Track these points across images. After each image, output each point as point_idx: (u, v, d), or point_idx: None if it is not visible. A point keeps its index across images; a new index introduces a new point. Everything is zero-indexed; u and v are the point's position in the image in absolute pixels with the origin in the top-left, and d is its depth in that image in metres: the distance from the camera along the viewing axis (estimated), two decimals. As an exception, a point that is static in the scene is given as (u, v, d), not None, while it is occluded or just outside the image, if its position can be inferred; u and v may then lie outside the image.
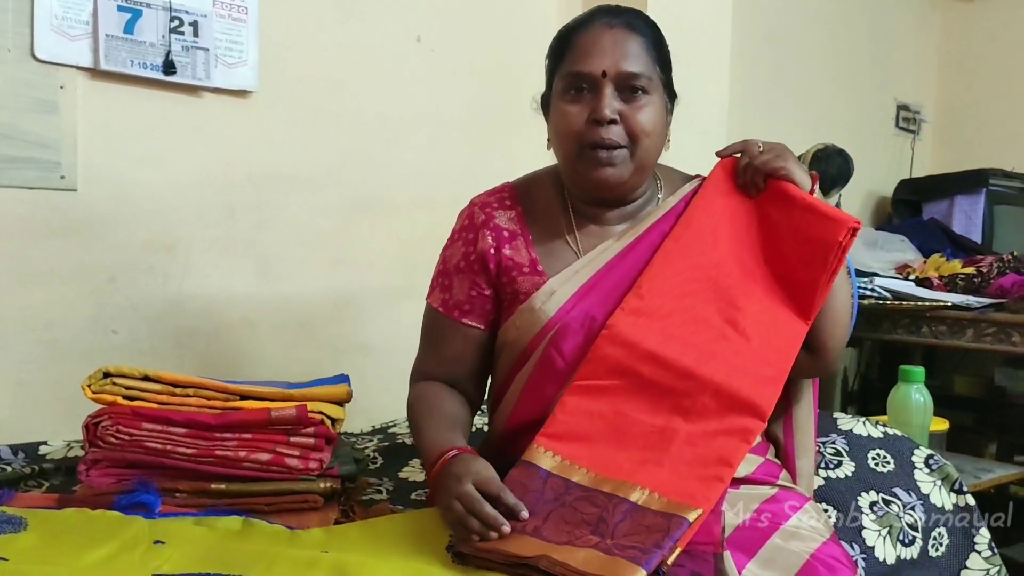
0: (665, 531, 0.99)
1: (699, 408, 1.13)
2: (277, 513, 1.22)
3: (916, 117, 3.78)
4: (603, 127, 1.19)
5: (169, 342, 1.81)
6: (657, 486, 1.06)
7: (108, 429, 1.21)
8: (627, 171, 1.23)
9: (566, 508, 1.06)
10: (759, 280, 1.22)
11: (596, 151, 1.21)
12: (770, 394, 1.14)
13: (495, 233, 1.30)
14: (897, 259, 2.80)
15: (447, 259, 1.35)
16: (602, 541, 0.99)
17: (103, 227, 1.72)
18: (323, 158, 2.02)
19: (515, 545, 1.00)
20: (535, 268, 1.27)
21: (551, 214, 1.31)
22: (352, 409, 1.54)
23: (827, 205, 1.23)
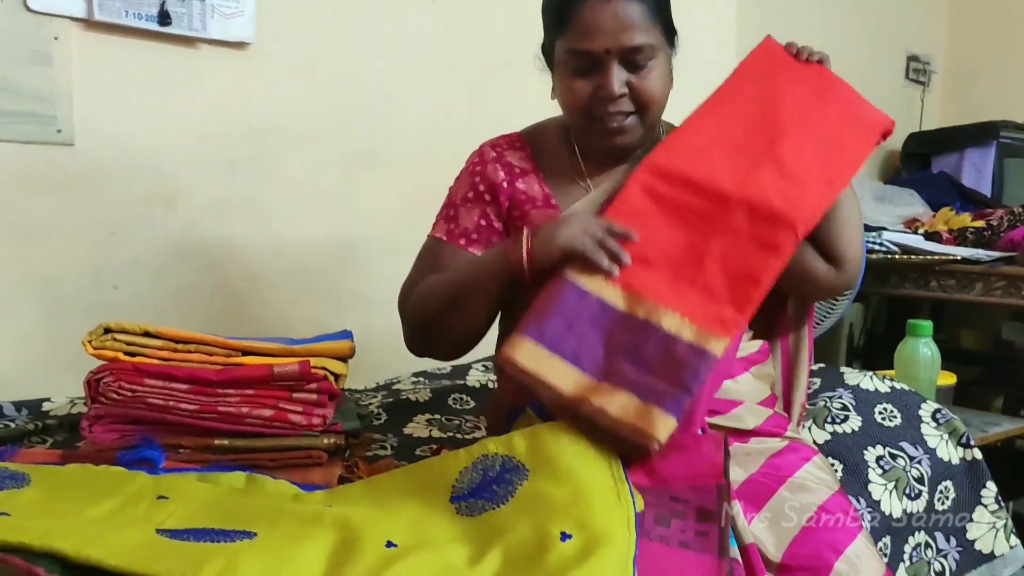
0: (695, 369, 1.04)
1: (732, 227, 1.13)
2: (281, 469, 1.22)
3: (926, 68, 3.71)
4: (612, 102, 1.19)
5: (171, 297, 1.80)
6: (688, 310, 1.08)
7: (110, 385, 1.20)
8: (638, 134, 1.24)
9: (602, 329, 1.09)
10: (800, 133, 1.20)
11: (606, 121, 1.21)
12: (806, 214, 1.13)
13: (507, 169, 1.30)
14: (906, 213, 2.77)
15: (454, 193, 1.34)
16: (637, 376, 1.04)
17: (102, 181, 1.70)
18: (323, 111, 1.99)
19: (556, 376, 1.06)
20: (548, 202, 1.28)
21: (559, 157, 1.31)
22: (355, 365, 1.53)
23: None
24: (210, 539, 0.91)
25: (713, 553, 0.95)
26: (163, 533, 0.93)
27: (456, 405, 1.77)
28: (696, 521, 0.99)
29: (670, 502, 1.02)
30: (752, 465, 1.14)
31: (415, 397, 1.76)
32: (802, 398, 1.36)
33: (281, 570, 0.85)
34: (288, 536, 0.94)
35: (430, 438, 1.58)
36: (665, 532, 0.98)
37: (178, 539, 0.91)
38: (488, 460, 1.08)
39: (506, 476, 1.06)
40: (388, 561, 0.89)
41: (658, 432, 1.00)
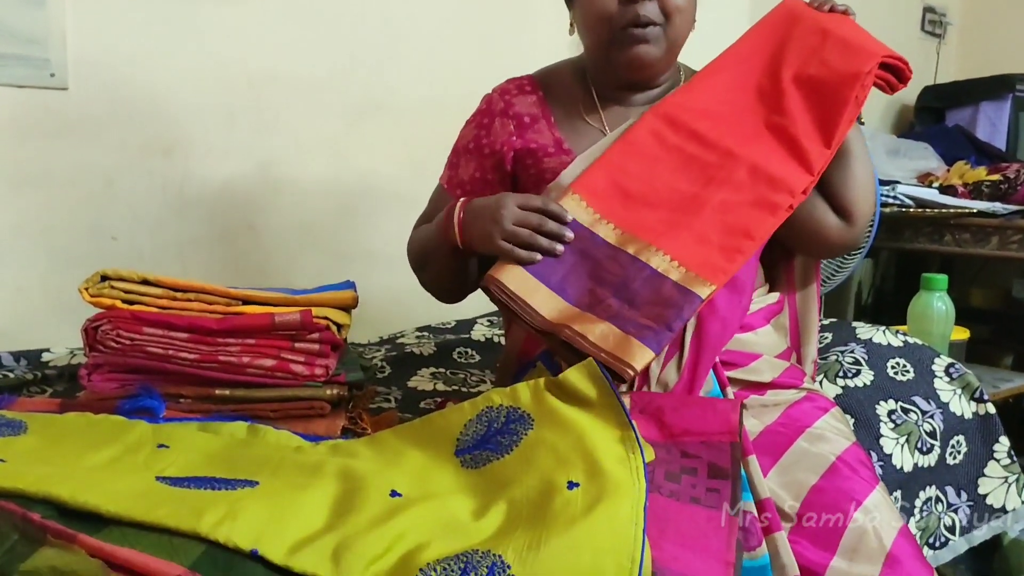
0: (679, 308, 1.05)
1: (734, 180, 1.14)
2: (283, 420, 1.20)
3: (942, 20, 3.63)
4: (639, 3, 1.16)
5: (171, 249, 1.77)
6: (679, 254, 1.09)
7: (108, 333, 1.18)
8: (661, 49, 1.21)
9: (591, 262, 1.11)
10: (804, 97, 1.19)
11: (631, 30, 1.17)
12: (804, 180, 1.14)
13: (516, 121, 1.27)
14: (920, 167, 2.72)
15: (460, 139, 1.34)
16: (621, 309, 1.06)
17: (97, 128, 1.66)
18: (325, 60, 1.94)
19: (540, 302, 1.09)
20: (560, 147, 1.25)
21: (573, 99, 1.28)
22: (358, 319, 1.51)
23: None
24: (211, 487, 0.89)
25: (725, 510, 0.93)
26: (163, 480, 0.91)
27: (461, 359, 1.75)
28: (707, 477, 0.98)
29: (681, 458, 1.00)
30: (769, 416, 1.12)
31: (419, 351, 1.74)
32: (813, 354, 1.33)
33: (283, 518, 0.83)
34: (291, 485, 0.92)
35: (435, 391, 1.56)
36: (675, 488, 0.96)
37: (178, 486, 0.89)
38: (493, 412, 1.06)
39: (511, 427, 1.04)
40: (392, 511, 0.88)
41: (635, 361, 1.02)
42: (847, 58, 1.16)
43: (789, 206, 1.13)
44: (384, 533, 0.82)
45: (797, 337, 1.33)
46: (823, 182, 1.18)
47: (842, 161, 1.19)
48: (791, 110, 1.16)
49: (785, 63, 1.20)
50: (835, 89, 1.15)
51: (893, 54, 1.18)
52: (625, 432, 0.98)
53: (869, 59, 1.16)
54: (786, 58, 1.20)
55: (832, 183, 1.19)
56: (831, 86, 1.16)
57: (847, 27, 1.21)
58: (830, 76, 1.16)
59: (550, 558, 0.79)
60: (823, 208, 1.22)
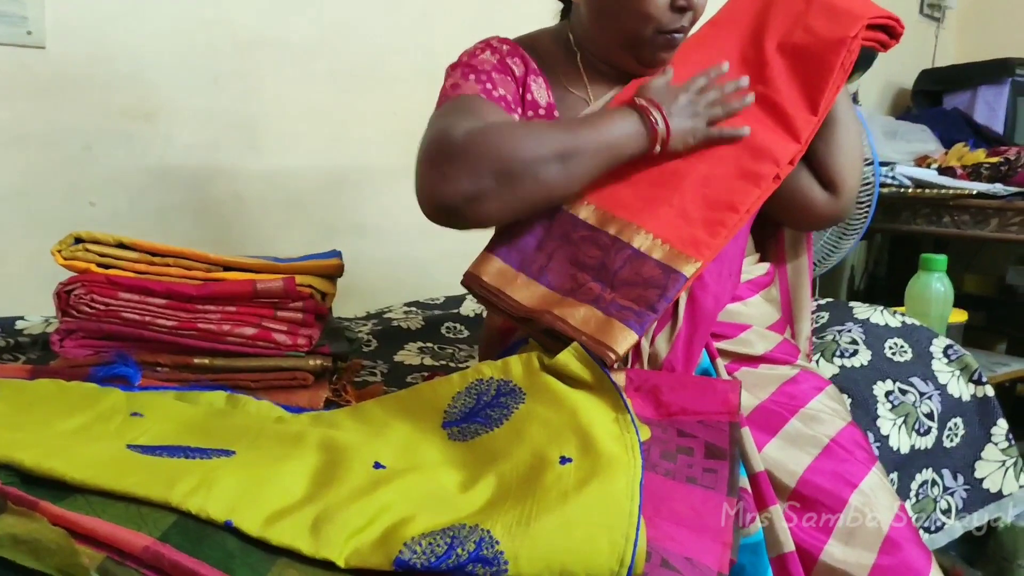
0: (663, 288, 1.02)
1: (716, 152, 1.10)
2: (264, 390, 1.16)
3: (941, 4, 3.58)
4: (684, 14, 1.12)
5: (152, 217, 1.72)
6: (661, 231, 1.06)
7: (82, 298, 1.13)
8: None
9: (571, 246, 1.07)
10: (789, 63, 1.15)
11: (669, 36, 1.14)
12: (790, 149, 1.11)
13: (523, 61, 1.19)
14: (917, 150, 2.68)
15: (479, 63, 1.15)
16: (602, 292, 1.03)
17: (75, 89, 1.60)
18: (314, 24, 1.88)
19: (520, 292, 1.06)
20: (551, 113, 1.19)
21: (561, 67, 1.22)
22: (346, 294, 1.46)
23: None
24: (184, 455, 0.85)
25: (722, 491, 0.90)
26: (134, 448, 0.87)
27: (449, 334, 1.71)
28: (704, 457, 0.94)
29: (677, 436, 0.96)
30: (763, 392, 1.09)
31: (407, 325, 1.70)
32: (807, 331, 1.30)
33: (261, 488, 0.79)
34: (269, 455, 0.88)
35: (422, 366, 1.52)
36: (671, 467, 0.93)
37: (150, 455, 0.85)
38: (483, 384, 1.03)
39: (501, 400, 1.00)
40: (376, 483, 0.84)
41: (617, 345, 0.98)
42: (832, 23, 1.12)
43: (775, 176, 1.09)
44: (367, 505, 0.79)
45: (789, 312, 1.30)
46: (808, 152, 1.14)
47: (827, 129, 1.16)
48: (775, 79, 1.13)
49: (769, 30, 1.16)
50: (820, 55, 1.12)
51: (882, 13, 1.15)
52: (620, 413, 0.95)
53: (854, 23, 1.12)
54: (770, 25, 1.17)
55: (816, 152, 1.17)
56: (816, 53, 1.12)
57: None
58: (815, 43, 1.12)
59: (541, 534, 0.75)
60: (808, 179, 1.19)
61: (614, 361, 0.98)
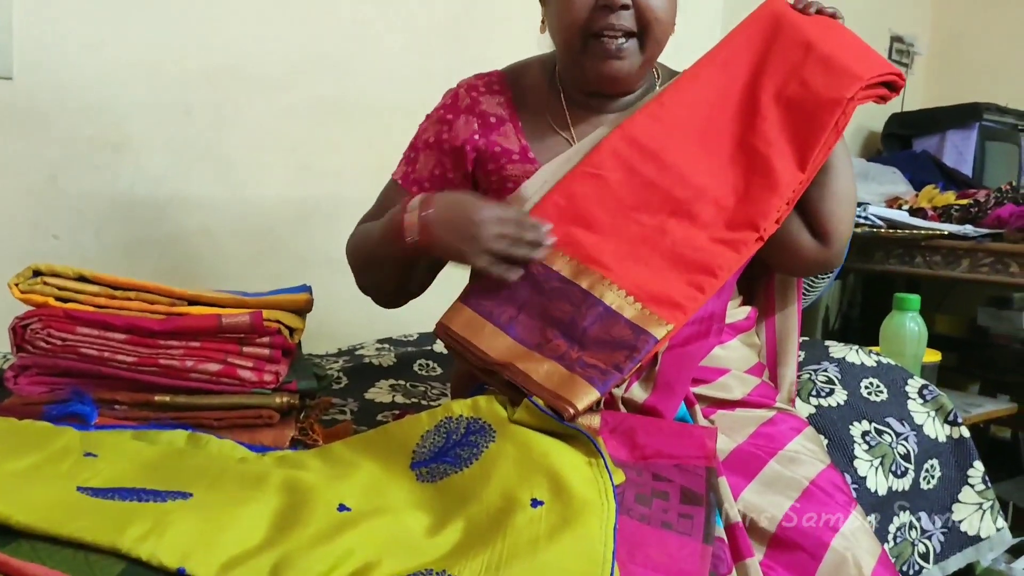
0: (630, 349, 0.99)
1: (700, 216, 1.08)
2: (227, 429, 1.12)
3: (910, 50, 3.65)
4: (614, 12, 1.08)
5: (118, 250, 1.68)
6: (635, 288, 1.04)
7: (38, 332, 1.09)
8: (636, 63, 1.14)
9: (543, 298, 1.05)
10: (780, 116, 1.12)
11: (604, 40, 1.10)
12: (772, 216, 1.08)
13: (481, 119, 1.20)
14: (888, 191, 2.72)
15: (419, 134, 1.27)
16: (568, 350, 1.00)
17: (42, 119, 1.57)
18: (289, 56, 1.87)
19: (487, 342, 1.04)
20: (526, 155, 1.18)
21: (542, 103, 1.21)
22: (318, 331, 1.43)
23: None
24: (137, 498, 0.82)
25: (698, 537, 0.87)
26: (85, 491, 0.83)
27: (422, 371, 1.68)
28: (680, 502, 0.93)
29: (652, 480, 0.94)
30: (740, 435, 1.07)
31: (378, 362, 1.67)
32: (792, 376, 1.28)
33: (217, 533, 0.76)
34: (229, 498, 0.85)
35: (393, 403, 1.48)
36: (646, 511, 0.91)
37: (101, 497, 0.82)
38: (452, 423, 1.00)
39: (471, 438, 0.98)
40: (339, 526, 0.81)
41: (577, 400, 0.96)
42: (829, 81, 1.10)
43: (758, 239, 1.07)
44: (330, 550, 0.76)
45: (775, 357, 1.28)
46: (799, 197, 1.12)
47: (820, 176, 1.12)
48: (767, 131, 1.11)
49: (765, 77, 1.14)
50: (814, 113, 1.09)
51: (884, 70, 1.12)
52: (593, 456, 0.92)
53: (852, 84, 1.09)
54: (766, 71, 1.14)
55: (808, 199, 1.13)
56: (810, 109, 1.10)
57: (832, 39, 1.15)
58: (810, 98, 1.10)
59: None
60: (798, 225, 1.16)
61: (572, 416, 0.95)
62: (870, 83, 1.10)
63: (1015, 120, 3.23)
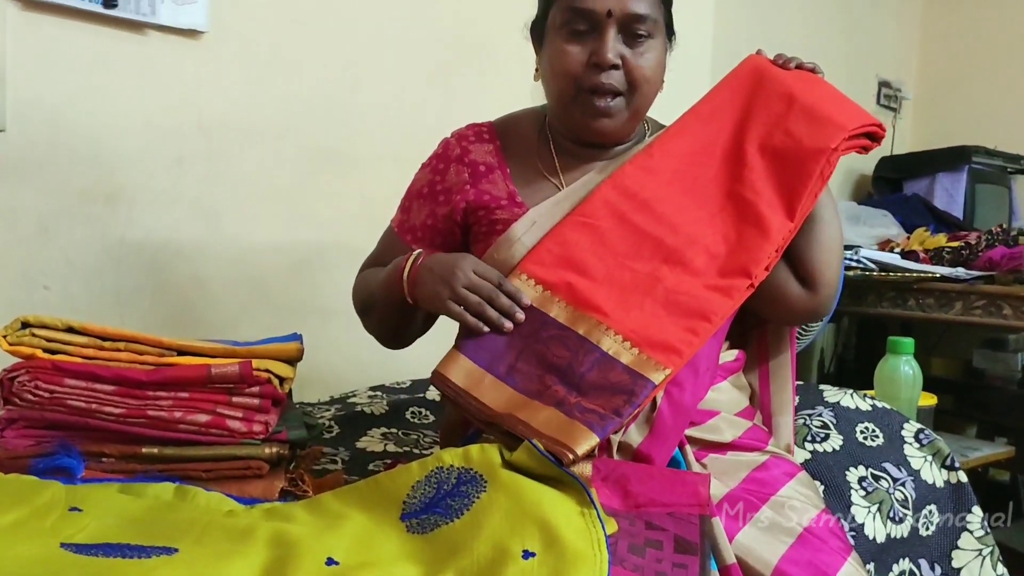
0: (628, 394, 0.99)
1: (689, 262, 1.10)
2: (216, 481, 1.10)
3: (898, 95, 3.71)
4: (604, 72, 1.12)
5: (108, 300, 1.67)
6: (631, 333, 1.05)
7: (25, 385, 1.08)
8: (623, 120, 1.17)
9: (540, 345, 1.05)
10: (767, 167, 1.14)
11: (593, 97, 1.14)
12: (762, 262, 1.09)
13: (471, 169, 1.23)
14: (880, 234, 2.73)
15: (414, 182, 1.31)
16: (567, 396, 1.00)
17: (35, 172, 1.58)
18: (281, 106, 1.89)
19: (488, 395, 1.03)
20: (514, 200, 1.20)
21: (531, 151, 1.24)
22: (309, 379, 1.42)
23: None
24: (121, 554, 0.80)
25: None
26: (68, 548, 0.81)
27: (414, 419, 1.66)
28: (674, 551, 0.91)
29: (646, 529, 0.93)
30: (732, 479, 1.06)
31: (370, 410, 1.65)
32: (790, 425, 1.28)
33: (202, 590, 0.74)
34: (214, 553, 0.83)
35: (384, 452, 1.47)
36: (640, 562, 0.89)
37: (84, 554, 0.80)
38: (443, 472, 0.99)
39: (462, 488, 0.96)
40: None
41: (577, 446, 0.96)
42: (813, 131, 1.12)
43: (749, 286, 1.09)
44: (316, 606, 0.74)
45: (769, 406, 1.27)
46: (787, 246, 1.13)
47: (806, 226, 1.14)
48: (754, 181, 1.13)
49: (749, 129, 1.16)
50: (800, 162, 1.12)
51: (866, 121, 1.15)
52: (586, 507, 0.91)
53: (836, 134, 1.11)
54: (751, 123, 1.16)
55: (795, 247, 1.15)
56: (795, 159, 1.12)
57: (814, 91, 1.17)
58: (795, 148, 1.12)
59: (502, 636, 0.70)
60: (785, 274, 1.17)
61: (572, 461, 0.95)
62: (853, 133, 1.13)
63: (1004, 162, 3.26)
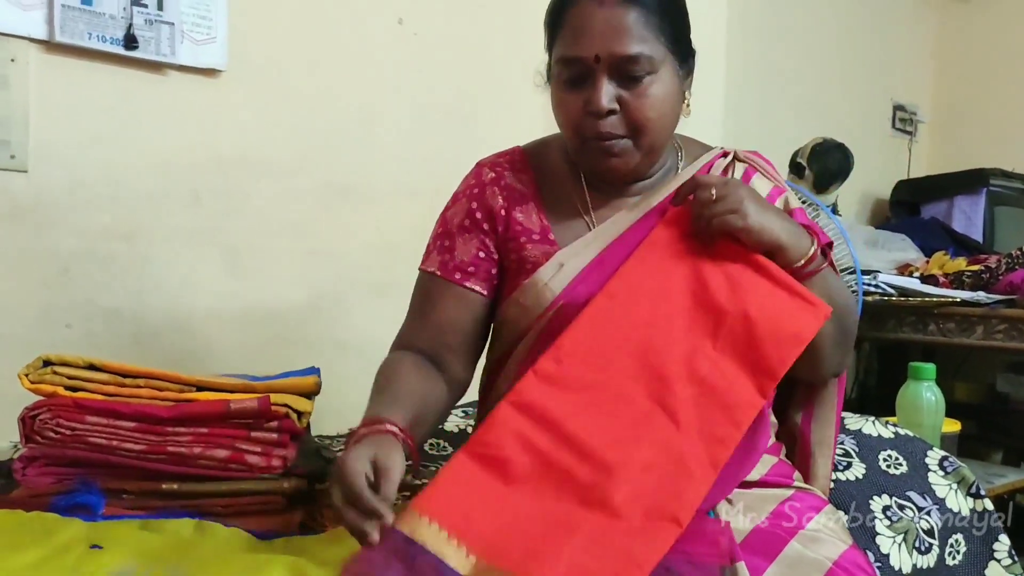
0: None
1: (610, 503, 0.91)
2: (235, 516, 1.11)
3: (913, 118, 3.70)
4: (601, 119, 1.07)
5: (128, 338, 1.69)
6: None
7: (47, 423, 1.10)
8: (634, 160, 1.11)
9: None
10: (688, 380, 0.99)
11: (598, 142, 1.09)
12: (691, 499, 0.93)
13: (506, 192, 1.17)
14: (898, 258, 2.71)
15: (448, 219, 1.20)
16: None
17: (56, 212, 1.60)
18: (297, 142, 1.91)
19: None
20: (546, 236, 1.15)
21: (562, 182, 1.18)
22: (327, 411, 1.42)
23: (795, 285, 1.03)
24: (140, 592, 0.80)
25: None
26: (88, 586, 0.82)
27: (432, 451, 1.66)
28: None
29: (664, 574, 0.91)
30: (759, 514, 1.04)
31: (388, 443, 1.64)
32: (828, 464, 1.24)
33: (219, 628, 0.74)
34: (233, 589, 0.83)
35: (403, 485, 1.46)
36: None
37: (104, 593, 0.80)
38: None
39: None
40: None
41: None
42: (780, 350, 0.99)
43: (676, 533, 0.90)
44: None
45: (809, 444, 1.23)
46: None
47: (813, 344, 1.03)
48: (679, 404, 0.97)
49: (676, 343, 1.00)
50: (731, 407, 0.97)
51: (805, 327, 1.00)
52: None
53: (798, 346, 0.99)
54: (683, 338, 1.00)
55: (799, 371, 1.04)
56: (723, 401, 0.98)
57: (769, 302, 1.01)
58: (727, 388, 0.98)
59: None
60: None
61: None
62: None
63: (1023, 184, 3.24)
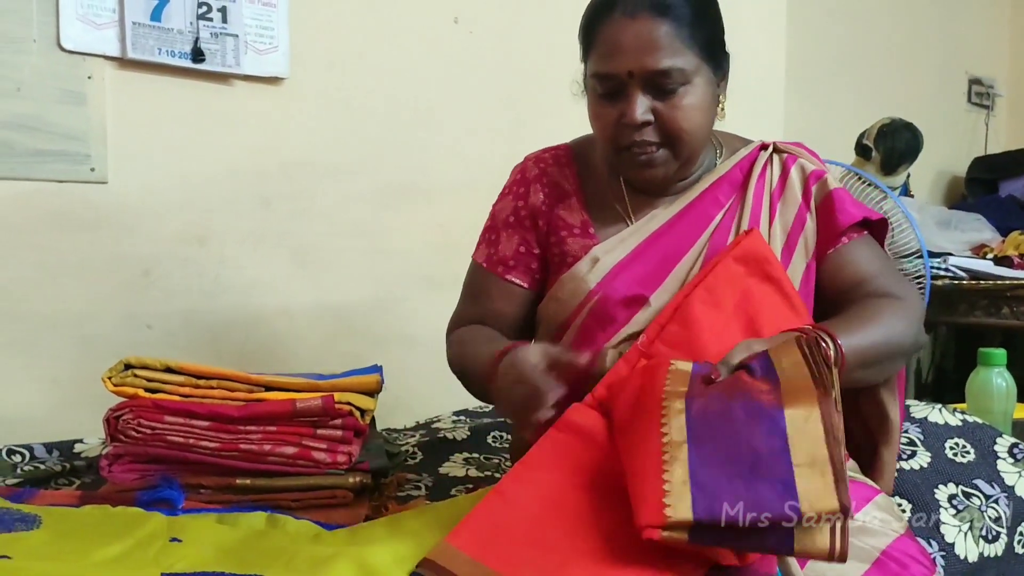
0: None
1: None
2: (304, 509, 1.17)
3: (990, 92, 3.58)
4: (636, 130, 1.10)
5: (205, 336, 1.77)
6: None
7: (129, 423, 1.17)
8: (671, 168, 1.15)
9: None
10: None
11: (634, 152, 1.12)
12: None
13: (548, 189, 1.23)
14: (972, 239, 2.63)
15: (496, 213, 1.29)
16: None
17: (135, 219, 1.69)
18: (358, 144, 1.97)
19: None
20: (586, 230, 1.20)
21: (604, 178, 1.23)
22: (394, 404, 1.47)
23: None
24: (215, 583, 0.85)
25: None
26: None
27: (496, 443, 1.70)
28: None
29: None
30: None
31: (453, 435, 1.69)
32: (894, 460, 1.24)
33: (287, 616, 0.79)
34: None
35: (466, 477, 1.50)
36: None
37: (183, 583, 0.86)
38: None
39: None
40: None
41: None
42: None
43: None
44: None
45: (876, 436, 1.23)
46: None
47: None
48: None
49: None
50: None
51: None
52: None
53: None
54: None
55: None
56: None
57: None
58: None
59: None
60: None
61: None
62: None
63: (1107, 158, 3.11)
